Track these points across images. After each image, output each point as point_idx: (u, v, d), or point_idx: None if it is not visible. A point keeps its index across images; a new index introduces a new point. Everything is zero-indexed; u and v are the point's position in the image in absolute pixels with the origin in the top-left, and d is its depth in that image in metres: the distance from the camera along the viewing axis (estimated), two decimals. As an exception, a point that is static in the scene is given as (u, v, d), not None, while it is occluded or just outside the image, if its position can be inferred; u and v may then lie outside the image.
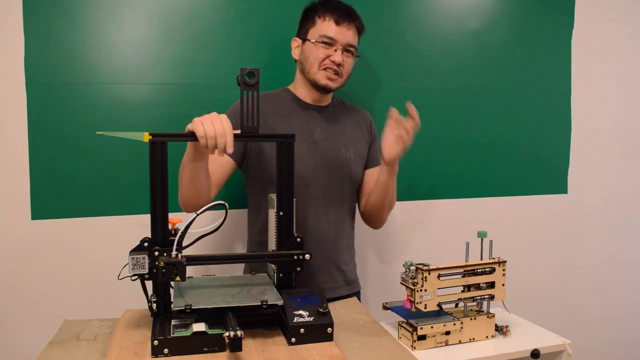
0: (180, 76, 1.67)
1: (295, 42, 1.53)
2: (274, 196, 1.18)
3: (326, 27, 1.46)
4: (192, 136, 1.12)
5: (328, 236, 1.52)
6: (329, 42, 1.45)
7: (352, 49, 1.49)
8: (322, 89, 1.50)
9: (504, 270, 1.25)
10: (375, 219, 1.60)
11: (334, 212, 1.53)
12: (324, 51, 1.46)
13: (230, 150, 1.11)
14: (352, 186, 1.57)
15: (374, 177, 1.55)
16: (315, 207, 1.49)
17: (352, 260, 1.64)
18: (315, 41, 1.46)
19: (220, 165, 1.42)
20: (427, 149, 1.96)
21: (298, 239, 1.16)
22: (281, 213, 1.15)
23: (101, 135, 1.14)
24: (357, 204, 1.63)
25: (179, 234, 1.06)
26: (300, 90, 1.55)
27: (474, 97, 2.02)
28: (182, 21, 1.67)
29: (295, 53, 1.53)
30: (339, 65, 1.46)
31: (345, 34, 1.46)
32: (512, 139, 2.09)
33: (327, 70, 1.47)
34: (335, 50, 1.45)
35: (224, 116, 1.13)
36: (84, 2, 1.58)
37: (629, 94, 2.27)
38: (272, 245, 1.20)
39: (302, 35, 1.51)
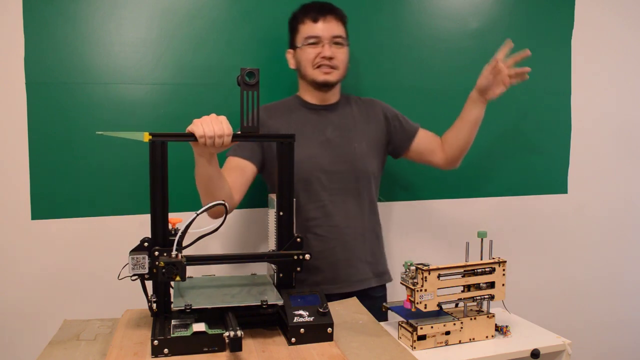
0: (180, 76, 1.67)
1: (289, 54, 1.59)
2: (274, 196, 1.18)
3: (307, 28, 1.51)
4: (191, 136, 1.13)
5: (349, 230, 1.55)
6: (315, 41, 1.50)
7: (339, 39, 1.52)
8: (323, 86, 1.53)
9: (504, 270, 1.25)
10: (460, 157, 1.68)
11: (354, 207, 1.56)
12: (312, 50, 1.50)
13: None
14: (368, 180, 1.59)
15: (425, 140, 1.67)
16: (334, 203, 1.52)
17: (381, 251, 1.66)
18: (302, 45, 1.51)
19: (241, 171, 1.46)
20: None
21: (298, 239, 1.16)
22: (281, 213, 1.15)
23: (101, 135, 1.14)
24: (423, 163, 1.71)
25: (179, 234, 1.06)
26: (306, 94, 1.59)
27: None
28: (182, 21, 1.67)
29: (291, 63, 1.59)
30: (330, 58, 1.50)
31: (327, 28, 1.50)
32: (512, 138, 2.08)
33: (321, 67, 1.51)
34: (323, 46, 1.50)
35: (223, 117, 1.15)
36: (84, 2, 1.58)
37: (629, 93, 2.26)
38: (272, 245, 1.20)
39: (292, 45, 1.57)
